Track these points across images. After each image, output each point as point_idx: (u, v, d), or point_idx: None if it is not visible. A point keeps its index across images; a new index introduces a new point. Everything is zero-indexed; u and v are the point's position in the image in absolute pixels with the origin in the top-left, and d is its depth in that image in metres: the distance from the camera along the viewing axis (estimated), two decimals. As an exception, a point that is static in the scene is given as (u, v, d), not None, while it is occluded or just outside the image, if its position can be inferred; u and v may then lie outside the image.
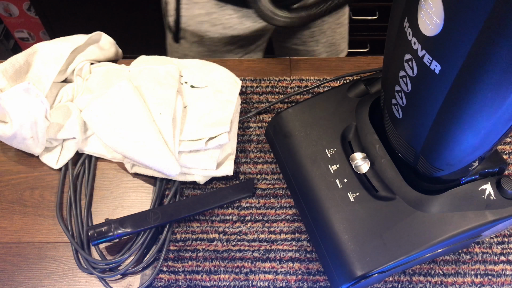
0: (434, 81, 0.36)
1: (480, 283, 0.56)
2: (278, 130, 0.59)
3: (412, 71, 0.39)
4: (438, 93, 0.37)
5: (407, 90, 0.41)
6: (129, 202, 0.62)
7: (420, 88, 0.39)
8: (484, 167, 0.50)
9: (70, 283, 0.56)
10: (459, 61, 0.33)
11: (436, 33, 0.33)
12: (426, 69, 0.36)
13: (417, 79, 0.39)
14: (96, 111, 0.61)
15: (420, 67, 0.37)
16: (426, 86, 0.38)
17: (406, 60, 0.39)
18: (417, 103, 0.41)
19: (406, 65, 0.39)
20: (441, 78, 0.36)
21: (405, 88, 0.41)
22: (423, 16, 0.34)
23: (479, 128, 0.38)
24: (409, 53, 0.38)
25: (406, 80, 0.40)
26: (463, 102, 0.36)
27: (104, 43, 0.70)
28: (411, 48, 0.37)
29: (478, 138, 0.39)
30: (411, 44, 0.37)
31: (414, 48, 0.37)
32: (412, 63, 0.38)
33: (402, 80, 0.41)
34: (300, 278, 0.56)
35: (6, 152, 0.66)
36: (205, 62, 0.68)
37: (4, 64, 0.61)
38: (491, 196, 0.49)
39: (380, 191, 0.51)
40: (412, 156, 0.48)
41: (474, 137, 0.39)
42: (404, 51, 0.39)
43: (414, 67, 0.38)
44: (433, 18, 0.33)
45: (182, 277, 0.57)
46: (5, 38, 1.68)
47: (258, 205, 0.61)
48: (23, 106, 0.57)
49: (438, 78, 0.36)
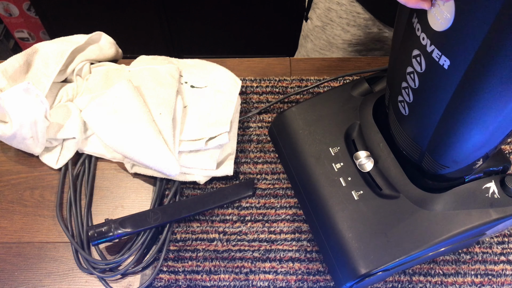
0: (442, 76, 0.36)
1: (480, 283, 0.56)
2: (282, 129, 0.59)
3: (420, 67, 0.39)
4: (447, 88, 0.37)
5: (414, 86, 0.41)
6: (129, 202, 0.62)
7: (428, 84, 0.39)
8: (488, 165, 0.50)
9: (70, 283, 0.56)
10: (469, 56, 0.33)
11: (446, 28, 0.33)
12: (434, 64, 0.36)
13: (425, 75, 0.39)
14: (96, 111, 0.60)
15: (429, 63, 0.37)
16: (435, 82, 0.38)
17: (414, 56, 0.39)
18: (425, 100, 0.41)
19: (414, 61, 0.39)
20: (450, 74, 0.35)
21: (413, 84, 0.41)
22: (433, 11, 0.34)
23: (486, 124, 0.38)
24: (418, 48, 0.38)
25: (414, 76, 0.40)
26: (471, 98, 0.36)
27: (104, 43, 0.70)
28: (420, 44, 0.37)
29: (485, 134, 0.39)
30: (420, 40, 0.37)
31: (422, 43, 0.37)
32: (421, 58, 0.38)
33: (410, 76, 0.41)
34: (300, 278, 0.56)
35: (6, 152, 0.66)
36: (205, 62, 0.68)
37: (4, 64, 0.61)
38: (495, 194, 0.49)
39: (384, 189, 0.51)
40: (418, 153, 0.48)
41: (481, 134, 0.39)
42: (412, 46, 0.39)
43: (423, 62, 0.38)
44: (443, 13, 0.33)
45: (182, 277, 0.57)
46: (5, 38, 1.68)
47: (258, 205, 0.61)
48: (23, 106, 0.57)
49: (447, 74, 0.36)
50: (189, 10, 1.46)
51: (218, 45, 1.61)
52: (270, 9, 1.46)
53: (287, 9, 1.45)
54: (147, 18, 1.47)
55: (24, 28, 1.64)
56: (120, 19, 1.48)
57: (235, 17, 1.50)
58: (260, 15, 1.49)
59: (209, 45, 1.61)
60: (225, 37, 1.58)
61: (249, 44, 1.61)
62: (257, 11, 1.47)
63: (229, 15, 1.49)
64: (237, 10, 1.47)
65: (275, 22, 1.51)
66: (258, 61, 0.74)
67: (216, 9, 1.47)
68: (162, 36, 1.54)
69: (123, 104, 0.60)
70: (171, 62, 0.68)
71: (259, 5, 1.45)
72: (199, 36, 1.56)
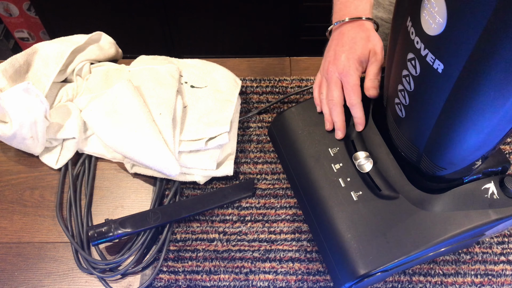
0: (437, 80, 0.36)
1: (480, 283, 0.56)
2: (281, 129, 0.59)
3: (415, 70, 0.39)
4: (441, 92, 0.37)
5: (410, 89, 0.41)
6: (129, 202, 0.62)
7: (423, 87, 0.39)
8: (487, 166, 0.50)
9: (70, 283, 0.56)
10: (462, 60, 0.33)
11: (439, 32, 0.34)
12: (429, 68, 0.36)
13: (420, 78, 0.39)
14: (96, 111, 0.61)
15: (423, 66, 0.37)
16: (429, 85, 0.38)
17: (409, 59, 0.39)
18: (420, 102, 0.41)
19: (409, 64, 0.39)
20: (444, 77, 0.36)
21: (408, 87, 0.41)
22: (426, 16, 0.34)
23: (482, 126, 0.38)
24: (412, 52, 0.38)
25: (409, 79, 0.40)
26: (466, 101, 0.36)
27: (104, 43, 0.70)
28: (414, 47, 0.37)
29: (481, 136, 0.39)
30: (414, 43, 0.37)
31: (417, 47, 0.37)
32: (415, 62, 0.38)
33: (405, 79, 0.41)
34: (300, 278, 0.56)
35: (6, 152, 0.66)
36: (205, 62, 0.68)
37: (4, 64, 0.61)
38: (494, 195, 0.49)
39: (383, 190, 0.51)
40: (415, 155, 0.48)
41: (477, 136, 0.39)
42: (407, 50, 0.39)
43: (417, 66, 0.38)
44: (436, 18, 0.33)
45: (182, 277, 0.57)
46: (5, 38, 1.68)
47: (258, 205, 0.61)
48: (22, 106, 0.57)
49: (441, 77, 0.36)
50: (189, 10, 1.45)
51: (218, 45, 1.61)
52: (270, 9, 1.46)
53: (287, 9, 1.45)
54: (147, 18, 1.47)
55: (24, 28, 1.64)
56: (120, 19, 1.48)
57: (235, 17, 1.50)
58: (260, 15, 1.49)
59: (209, 45, 1.61)
60: (225, 37, 1.58)
61: (249, 44, 1.60)
62: (257, 11, 1.47)
63: (229, 15, 1.49)
64: (237, 10, 1.47)
65: (275, 22, 1.51)
66: (258, 61, 0.74)
67: (216, 9, 1.47)
68: (162, 36, 1.54)
69: (123, 104, 0.60)
70: (171, 62, 0.68)
71: (259, 5, 1.45)
72: (199, 36, 1.56)
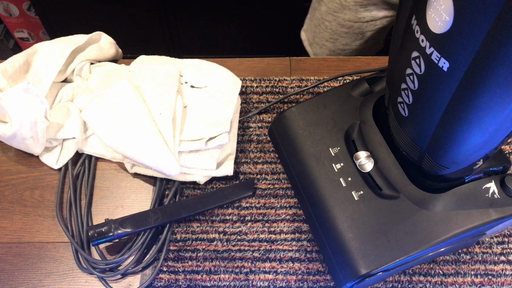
0: (442, 78, 0.36)
1: (480, 283, 0.56)
2: (282, 129, 0.59)
3: (420, 69, 0.39)
4: (446, 90, 0.37)
5: (413, 88, 0.41)
6: (129, 202, 0.62)
7: (428, 85, 0.39)
8: (488, 165, 0.50)
9: (70, 283, 0.56)
10: (468, 58, 0.33)
11: (445, 31, 0.33)
12: (434, 66, 0.36)
13: (425, 77, 0.39)
14: (96, 111, 0.60)
15: (428, 65, 0.37)
16: (434, 83, 0.38)
17: (413, 57, 0.39)
18: (424, 101, 0.41)
19: (413, 63, 0.39)
20: (449, 76, 0.35)
21: (412, 86, 0.41)
22: (432, 13, 0.34)
23: (486, 126, 0.38)
24: (417, 50, 0.38)
25: (413, 78, 0.40)
26: (471, 100, 0.36)
27: (104, 43, 0.70)
28: (419, 46, 0.37)
29: (485, 136, 0.39)
30: (419, 42, 0.37)
31: (422, 45, 0.37)
32: (420, 60, 0.38)
33: (409, 77, 0.41)
34: (300, 278, 0.56)
35: (6, 152, 0.66)
36: (205, 62, 0.68)
37: (4, 64, 0.61)
38: (495, 194, 0.49)
39: (384, 190, 0.51)
40: (417, 154, 0.47)
41: (481, 135, 0.39)
42: (411, 48, 0.39)
43: (422, 64, 0.38)
44: (442, 15, 0.33)
45: (182, 277, 0.57)
46: (5, 38, 1.68)
47: (258, 205, 0.61)
48: (23, 106, 0.57)
49: (446, 76, 0.35)
50: (189, 10, 1.46)
51: (218, 45, 1.61)
52: (270, 9, 1.46)
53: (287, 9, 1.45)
54: (147, 18, 1.47)
55: (24, 28, 1.64)
56: (120, 19, 1.48)
57: (235, 17, 1.50)
58: (260, 15, 1.49)
59: (209, 45, 1.61)
60: (225, 37, 1.58)
61: (249, 44, 1.60)
62: (257, 11, 1.47)
63: (229, 15, 1.49)
64: (237, 10, 1.47)
65: (275, 22, 1.51)
66: (258, 61, 0.74)
67: (216, 9, 1.47)
68: (162, 36, 1.54)
69: (123, 104, 0.60)
70: (171, 62, 0.68)
71: (259, 5, 1.45)
72: (199, 36, 1.56)
